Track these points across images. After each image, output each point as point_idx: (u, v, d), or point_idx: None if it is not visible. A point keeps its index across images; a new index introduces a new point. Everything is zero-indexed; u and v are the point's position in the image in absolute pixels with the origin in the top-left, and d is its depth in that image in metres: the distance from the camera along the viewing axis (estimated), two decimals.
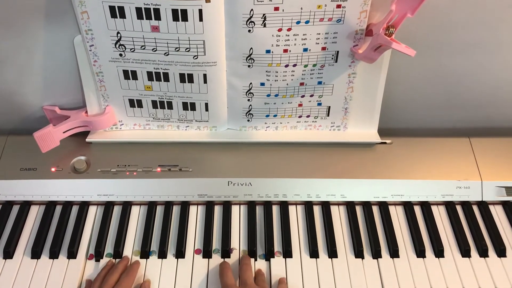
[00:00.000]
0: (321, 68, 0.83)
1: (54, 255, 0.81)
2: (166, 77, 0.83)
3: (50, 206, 0.87)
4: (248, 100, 0.87)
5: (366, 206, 0.88)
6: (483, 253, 0.83)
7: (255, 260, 0.81)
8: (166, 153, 0.90)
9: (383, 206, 0.88)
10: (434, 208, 0.89)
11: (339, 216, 0.87)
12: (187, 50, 0.78)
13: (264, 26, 0.76)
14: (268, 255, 0.82)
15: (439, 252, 0.83)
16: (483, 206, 0.89)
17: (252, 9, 0.74)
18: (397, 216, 0.88)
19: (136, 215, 0.87)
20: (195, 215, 0.87)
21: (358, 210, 0.88)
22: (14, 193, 0.87)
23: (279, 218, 0.87)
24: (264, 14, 0.74)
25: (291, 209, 0.88)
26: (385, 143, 0.92)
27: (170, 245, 0.83)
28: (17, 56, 0.83)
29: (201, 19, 0.74)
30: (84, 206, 0.87)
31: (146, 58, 0.80)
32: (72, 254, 0.81)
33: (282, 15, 0.75)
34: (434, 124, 0.99)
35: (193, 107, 0.88)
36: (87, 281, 0.78)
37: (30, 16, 0.77)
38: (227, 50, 0.79)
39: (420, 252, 0.82)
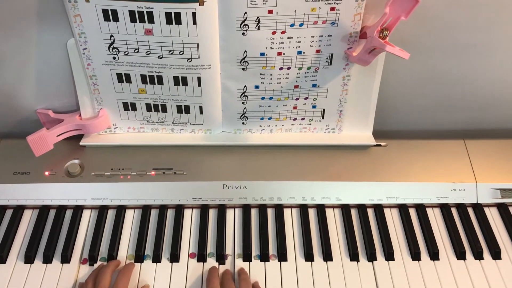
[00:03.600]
0: (316, 71, 0.83)
1: (47, 259, 0.81)
2: (160, 80, 0.83)
3: (43, 210, 0.87)
4: (243, 103, 0.87)
5: (361, 208, 0.88)
6: (478, 256, 0.83)
7: (250, 261, 0.81)
8: (161, 156, 0.90)
9: (378, 209, 0.88)
10: (429, 211, 0.89)
11: (334, 219, 0.87)
12: (181, 53, 0.78)
13: (258, 29, 0.76)
14: (263, 258, 0.81)
15: (434, 254, 0.82)
16: (478, 208, 0.89)
17: (246, 12, 0.73)
18: (392, 219, 0.88)
19: (131, 219, 0.86)
20: (190, 218, 0.87)
21: (353, 212, 0.88)
22: (7, 197, 0.86)
23: (274, 221, 0.86)
24: (258, 17, 0.74)
25: (286, 212, 0.88)
26: (380, 145, 0.92)
27: (165, 249, 0.82)
28: (10, 59, 0.82)
29: (194, 22, 0.74)
30: (78, 210, 0.87)
31: (140, 61, 0.80)
32: (65, 259, 0.81)
33: (276, 18, 0.74)
34: (429, 126, 0.99)
35: (187, 110, 0.88)
36: (80, 284, 0.78)
37: (23, 19, 0.77)
38: (221, 53, 0.79)
39: (415, 255, 0.82)
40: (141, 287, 0.77)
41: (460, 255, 0.83)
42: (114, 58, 0.80)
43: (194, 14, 0.73)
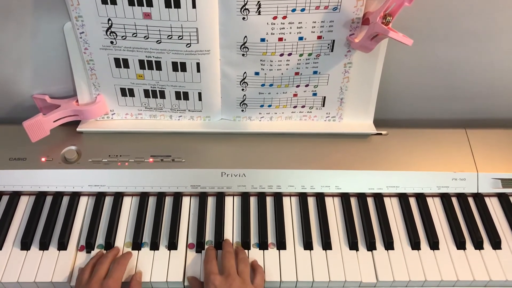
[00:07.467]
0: (317, 57, 0.82)
1: (44, 246, 0.80)
2: (159, 66, 0.82)
3: (40, 196, 0.86)
4: (242, 89, 0.86)
5: (361, 197, 0.87)
6: (478, 245, 0.82)
7: (249, 249, 0.81)
8: (159, 143, 0.89)
9: (378, 198, 0.88)
10: (429, 200, 0.88)
11: (333, 208, 0.86)
12: (179, 38, 0.77)
13: (259, 13, 0.74)
14: (262, 246, 0.81)
15: (434, 244, 0.82)
16: (479, 198, 0.88)
17: None
18: (392, 208, 0.87)
19: (128, 206, 0.86)
20: (188, 206, 0.86)
21: (353, 201, 0.88)
22: (3, 183, 0.85)
23: (273, 209, 0.86)
24: (259, 2, 0.73)
25: (285, 200, 0.87)
26: (380, 134, 0.92)
27: (163, 237, 0.82)
28: (5, 44, 0.81)
29: (194, 6, 0.72)
30: (75, 196, 0.86)
31: (138, 46, 0.79)
32: (62, 246, 0.80)
33: (277, 3, 0.73)
34: (430, 115, 0.98)
35: (186, 96, 0.87)
36: (80, 269, 0.77)
37: (19, 3, 0.75)
38: (221, 38, 0.78)
39: (415, 244, 0.82)
40: (135, 273, 0.77)
41: (460, 244, 0.82)
42: (111, 42, 0.79)
43: None
